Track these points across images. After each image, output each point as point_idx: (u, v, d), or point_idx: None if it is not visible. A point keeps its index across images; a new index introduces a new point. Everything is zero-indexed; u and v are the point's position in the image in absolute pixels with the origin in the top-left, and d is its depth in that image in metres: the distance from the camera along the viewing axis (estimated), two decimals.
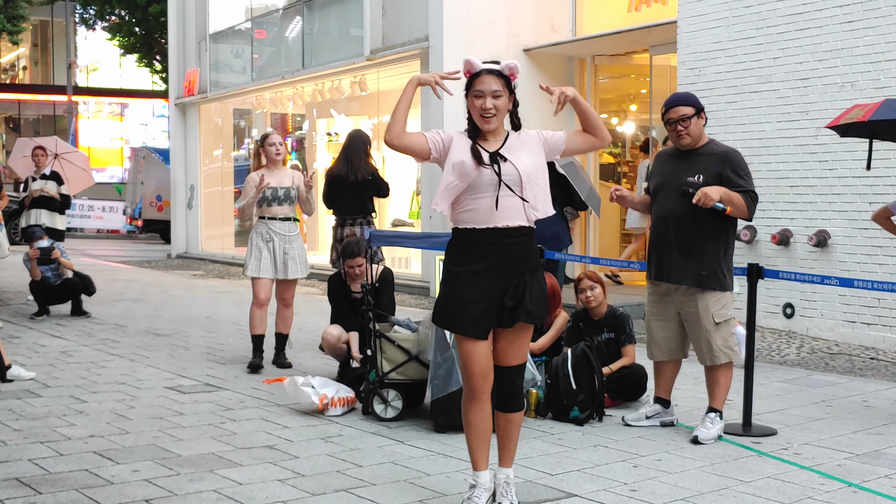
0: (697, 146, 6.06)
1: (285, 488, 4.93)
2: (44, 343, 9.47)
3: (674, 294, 6.12)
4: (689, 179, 5.94)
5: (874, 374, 8.45)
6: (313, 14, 17.62)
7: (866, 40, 9.65)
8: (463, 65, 4.61)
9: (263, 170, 8.31)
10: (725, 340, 6.05)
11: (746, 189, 5.92)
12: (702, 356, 6.12)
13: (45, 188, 12.26)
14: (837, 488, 5.03)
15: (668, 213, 6.04)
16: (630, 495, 4.88)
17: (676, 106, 6.02)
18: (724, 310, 6.05)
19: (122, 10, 33.18)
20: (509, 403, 4.61)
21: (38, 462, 5.32)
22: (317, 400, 6.51)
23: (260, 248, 8.25)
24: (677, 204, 5.97)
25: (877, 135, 7.13)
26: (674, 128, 6.01)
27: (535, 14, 14.27)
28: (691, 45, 11.33)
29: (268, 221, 8.28)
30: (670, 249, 6.03)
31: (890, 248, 9.26)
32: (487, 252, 4.40)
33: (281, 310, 8.46)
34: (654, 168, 6.34)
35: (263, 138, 8.46)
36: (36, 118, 45.57)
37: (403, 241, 8.69)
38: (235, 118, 22.16)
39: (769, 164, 10.49)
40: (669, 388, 6.38)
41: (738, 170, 5.96)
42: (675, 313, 6.18)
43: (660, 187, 6.16)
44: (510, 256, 4.41)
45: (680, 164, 6.07)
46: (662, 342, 6.25)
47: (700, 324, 6.03)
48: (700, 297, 6.01)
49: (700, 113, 6.03)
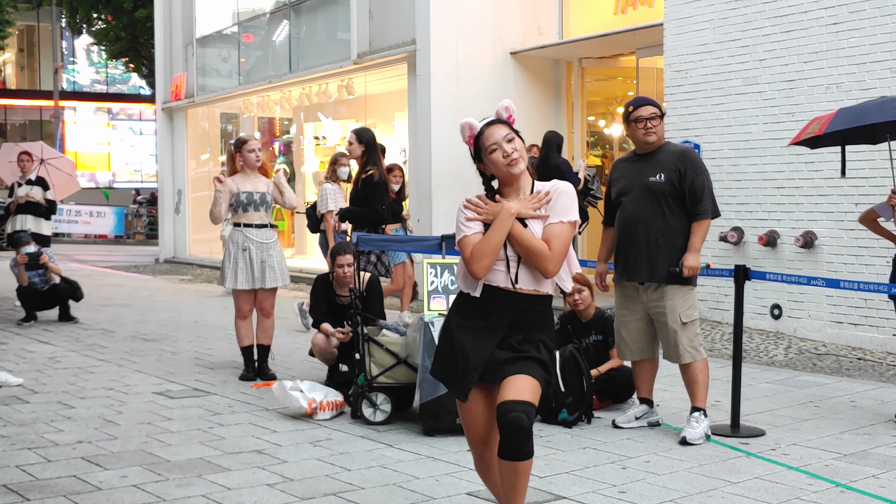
0: (656, 148, 6.26)
1: (274, 493, 4.92)
2: (31, 349, 9.44)
3: (642, 293, 6.25)
4: (651, 179, 6.14)
5: (861, 374, 8.48)
6: (300, 18, 17.62)
7: (851, 42, 9.69)
8: (463, 131, 4.07)
9: (238, 175, 7.99)
10: (691, 340, 6.17)
11: (699, 212, 6.13)
12: (668, 355, 6.27)
13: (30, 193, 12.23)
14: (825, 488, 5.05)
15: (637, 214, 6.19)
16: (619, 497, 4.89)
17: (647, 105, 6.23)
18: (691, 310, 6.19)
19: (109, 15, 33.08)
20: (509, 448, 3.86)
21: (26, 468, 5.30)
22: (305, 404, 6.51)
23: (236, 258, 7.91)
24: (643, 203, 6.16)
25: (848, 140, 7.17)
26: (643, 125, 6.17)
27: (522, 17, 14.30)
28: (677, 48, 11.36)
29: (244, 229, 7.94)
30: (639, 249, 6.17)
31: (876, 249, 9.29)
32: (488, 311, 3.97)
33: (261, 320, 8.11)
34: (615, 175, 6.48)
35: (241, 143, 8.08)
36: (22, 123, 45.49)
37: (391, 244, 8.67)
38: (223, 122, 22.13)
39: (755, 165, 10.53)
40: (650, 387, 6.46)
41: (697, 166, 6.20)
42: (643, 313, 6.30)
43: (624, 190, 6.31)
44: (515, 322, 3.97)
45: (641, 166, 6.26)
46: (632, 342, 6.36)
47: (667, 323, 6.16)
48: (669, 296, 6.14)
49: (663, 116, 6.31)
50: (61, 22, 37.81)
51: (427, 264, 6.48)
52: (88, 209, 29.29)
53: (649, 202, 6.14)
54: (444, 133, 13.41)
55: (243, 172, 8.05)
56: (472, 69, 13.78)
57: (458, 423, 5.97)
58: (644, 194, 6.17)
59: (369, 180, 8.51)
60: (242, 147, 8.05)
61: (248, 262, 7.92)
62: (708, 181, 6.20)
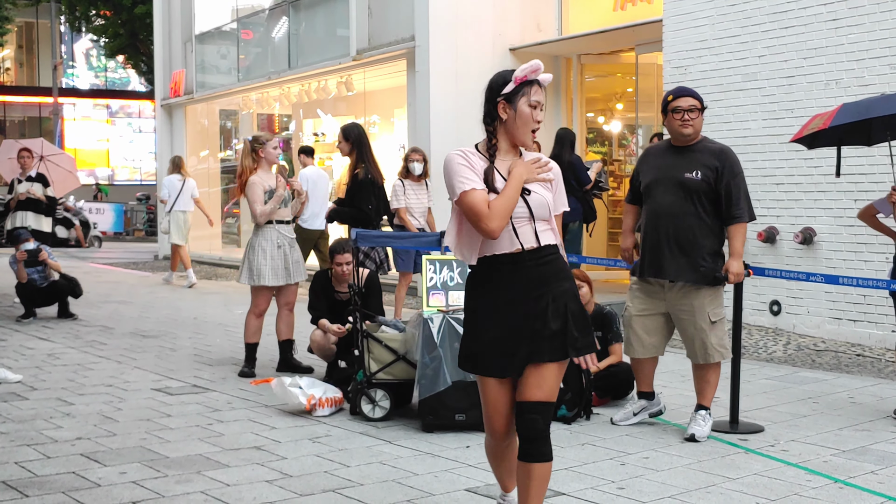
0: (693, 142, 6.08)
1: (273, 489, 4.92)
2: (30, 345, 9.44)
3: (667, 291, 6.10)
4: (687, 175, 5.94)
5: (860, 370, 8.48)
6: (299, 14, 17.60)
7: (851, 38, 9.69)
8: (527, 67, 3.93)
9: (261, 172, 8.03)
10: (720, 339, 6.05)
11: (735, 215, 5.97)
12: (694, 354, 6.11)
13: (31, 190, 12.22)
14: (824, 484, 5.06)
15: (667, 209, 6.00)
16: (618, 493, 4.89)
17: (687, 96, 6.05)
18: (719, 308, 6.06)
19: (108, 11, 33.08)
20: (532, 451, 3.82)
21: (25, 465, 5.30)
22: (304, 400, 6.51)
23: (272, 255, 7.94)
24: (676, 199, 5.96)
25: (843, 141, 7.16)
26: (681, 116, 5.98)
27: (522, 13, 14.30)
28: (677, 44, 11.36)
29: (276, 226, 8.01)
30: (668, 246, 5.98)
31: (875, 245, 9.30)
32: (511, 279, 3.86)
33: (286, 315, 8.15)
34: (645, 164, 6.27)
35: (265, 141, 8.10)
36: (21, 120, 45.49)
37: (390, 240, 8.66)
38: (222, 119, 22.11)
39: (755, 161, 10.52)
40: (651, 381, 6.38)
41: (735, 167, 6.01)
42: (663, 310, 6.16)
43: (655, 183, 6.09)
44: (539, 279, 3.86)
45: (675, 160, 6.05)
46: (646, 339, 6.22)
47: (695, 322, 6.02)
48: (695, 295, 6.01)
49: (704, 110, 6.09)
50: (60, 19, 37.81)
51: (426, 260, 6.47)
52: (87, 206, 29.29)
53: (683, 198, 5.94)
54: (444, 129, 13.41)
55: (263, 169, 8.07)
56: (472, 65, 13.77)
57: (458, 419, 6.03)
58: (678, 189, 5.96)
59: (355, 179, 8.48)
60: (267, 144, 8.09)
61: (283, 259, 7.99)
62: (744, 183, 6.03)
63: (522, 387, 3.84)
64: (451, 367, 5.96)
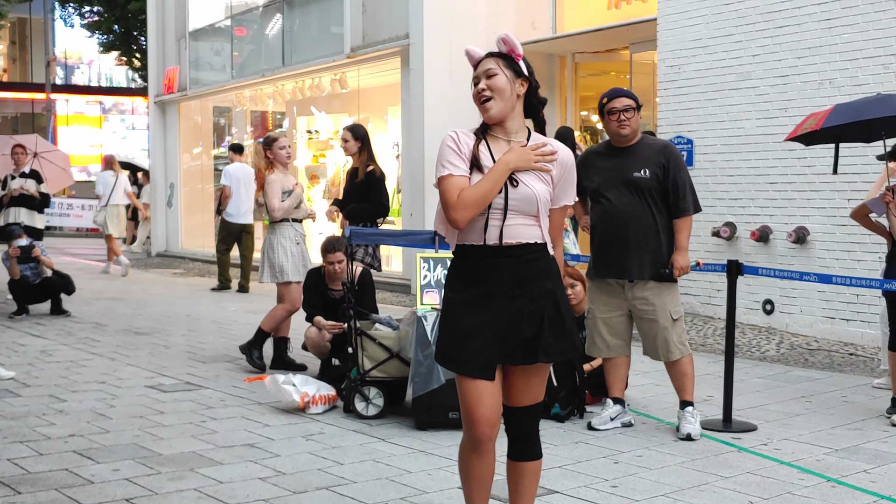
0: (634, 141, 6.14)
1: (266, 486, 4.92)
2: (23, 342, 9.42)
3: (627, 291, 6.16)
4: (636, 174, 6.01)
5: (853, 369, 8.50)
6: (293, 11, 17.58)
7: (844, 38, 9.71)
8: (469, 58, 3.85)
9: (277, 172, 8.21)
10: (680, 336, 6.14)
11: (682, 208, 6.06)
12: (655, 352, 6.17)
13: (24, 186, 12.19)
14: (816, 483, 5.07)
15: (624, 210, 6.04)
16: (611, 491, 4.90)
17: (622, 96, 6.11)
18: (679, 306, 6.17)
19: (101, 7, 32.98)
20: (523, 450, 3.74)
21: (18, 462, 5.29)
22: (298, 398, 6.50)
23: (292, 252, 8.14)
24: (629, 199, 6.03)
25: (842, 138, 7.17)
26: (616, 117, 6.04)
27: (516, 11, 14.30)
28: (671, 43, 11.36)
29: (293, 223, 8.23)
30: (628, 245, 6.04)
31: (868, 245, 9.32)
32: (488, 274, 3.62)
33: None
34: (589, 166, 6.22)
35: (272, 141, 8.30)
36: (14, 116, 45.33)
37: (384, 238, 8.66)
38: (215, 116, 22.08)
39: (749, 161, 10.54)
40: (623, 386, 6.36)
41: (679, 160, 6.12)
42: (625, 310, 6.21)
43: (605, 185, 6.13)
44: (518, 279, 3.62)
45: (621, 161, 6.11)
46: (611, 339, 6.25)
47: (657, 321, 6.09)
48: (657, 294, 6.08)
49: (639, 109, 6.15)
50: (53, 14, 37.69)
51: (420, 258, 6.46)
52: (80, 202, 29.19)
53: (636, 198, 6.02)
54: (438, 127, 13.39)
55: (277, 169, 8.24)
56: (466, 63, 13.35)
57: (451, 417, 6.02)
58: (628, 190, 6.03)
59: (372, 175, 8.51)
60: (273, 144, 8.26)
61: (301, 256, 8.20)
62: (689, 175, 6.14)
63: (509, 392, 3.69)
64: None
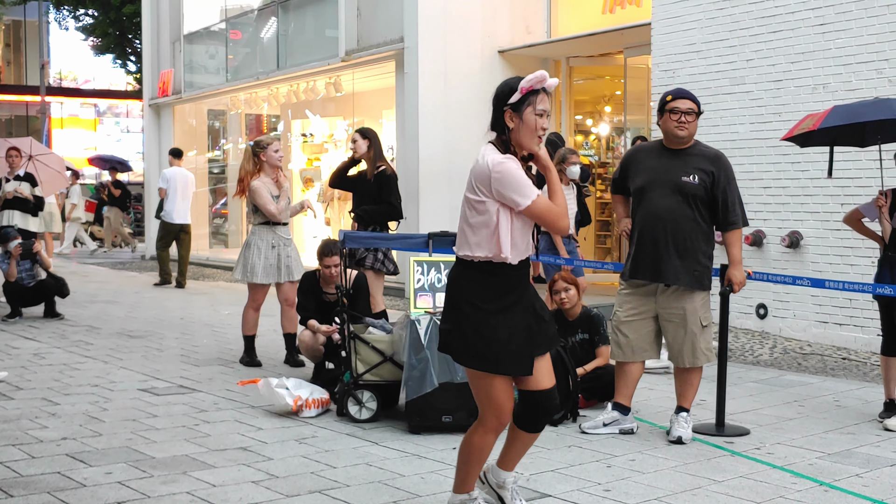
0: (687, 145, 6.07)
1: (259, 490, 4.91)
2: (16, 345, 9.40)
3: (659, 294, 6.09)
4: (684, 178, 5.94)
5: (846, 374, 8.51)
6: (288, 15, 17.58)
7: (838, 43, 9.73)
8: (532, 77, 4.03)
9: (263, 177, 8.37)
10: (708, 343, 6.08)
11: (731, 221, 6.03)
12: (682, 358, 6.09)
13: (18, 189, 12.18)
14: (809, 487, 5.07)
15: (664, 212, 5.97)
16: (604, 495, 4.90)
17: (686, 98, 6.05)
18: (709, 312, 6.10)
19: (96, 11, 32.96)
20: (539, 423, 4.34)
21: (10, 465, 5.28)
22: (291, 401, 6.50)
23: (265, 254, 8.37)
24: (673, 203, 5.95)
25: (836, 141, 7.19)
26: (678, 118, 5.96)
27: (511, 15, 14.31)
28: (665, 47, 11.38)
29: (273, 227, 8.42)
30: (666, 249, 5.96)
31: (861, 250, 9.33)
32: (513, 286, 4.15)
33: (287, 310, 8.51)
34: (636, 164, 6.21)
35: (266, 145, 8.45)
36: (8, 118, 45.26)
37: (378, 241, 8.65)
38: (210, 119, 22.06)
39: (742, 165, 10.54)
40: (631, 392, 6.30)
41: (729, 172, 6.05)
42: (654, 313, 6.15)
43: (650, 185, 6.05)
44: (526, 284, 4.24)
45: (670, 162, 6.03)
46: (637, 343, 6.18)
47: (686, 326, 6.02)
48: (689, 299, 6.01)
49: (700, 115, 6.08)
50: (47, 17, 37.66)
51: (414, 262, 6.47)
52: None
53: (681, 202, 5.93)
54: (432, 131, 13.41)
55: (266, 173, 8.44)
56: (460, 67, 13.77)
57: (444, 420, 6.02)
58: (674, 193, 5.94)
59: (383, 175, 8.52)
60: (268, 147, 8.46)
61: (276, 259, 8.40)
62: (738, 189, 6.07)
63: (536, 377, 4.23)
64: (437, 369, 5.96)
